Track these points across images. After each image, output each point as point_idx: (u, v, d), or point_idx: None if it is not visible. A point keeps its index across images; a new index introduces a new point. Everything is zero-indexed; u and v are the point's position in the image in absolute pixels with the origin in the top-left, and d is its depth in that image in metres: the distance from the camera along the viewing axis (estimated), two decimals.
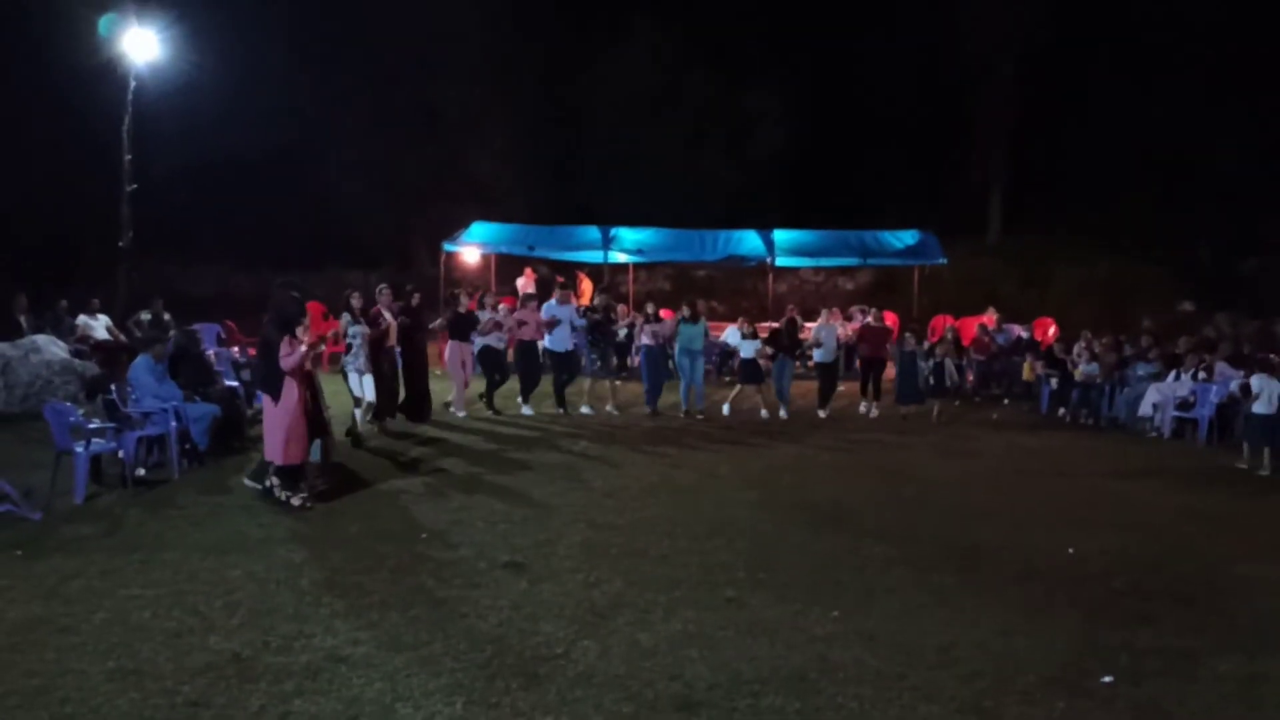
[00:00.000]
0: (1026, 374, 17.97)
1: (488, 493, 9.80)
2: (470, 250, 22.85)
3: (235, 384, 12.88)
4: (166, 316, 17.73)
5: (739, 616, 6.49)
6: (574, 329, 15.34)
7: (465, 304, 14.68)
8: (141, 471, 10.07)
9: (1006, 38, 28.35)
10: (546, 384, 15.38)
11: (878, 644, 6.07)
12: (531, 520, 8.78)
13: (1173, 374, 15.08)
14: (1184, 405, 14.58)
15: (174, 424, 10.27)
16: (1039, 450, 13.35)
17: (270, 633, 6.02)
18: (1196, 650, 6.12)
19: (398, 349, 13.35)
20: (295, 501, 8.95)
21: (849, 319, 19.79)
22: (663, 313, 17.77)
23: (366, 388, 12.41)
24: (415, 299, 13.99)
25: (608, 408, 15.14)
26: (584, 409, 15.04)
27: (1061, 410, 16.25)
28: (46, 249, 22.23)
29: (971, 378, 18.46)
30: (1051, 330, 20.95)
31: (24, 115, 22.60)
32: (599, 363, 15.37)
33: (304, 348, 8.87)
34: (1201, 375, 14.66)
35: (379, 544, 7.93)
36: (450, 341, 14.59)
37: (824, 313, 16.75)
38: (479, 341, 14.61)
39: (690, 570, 7.43)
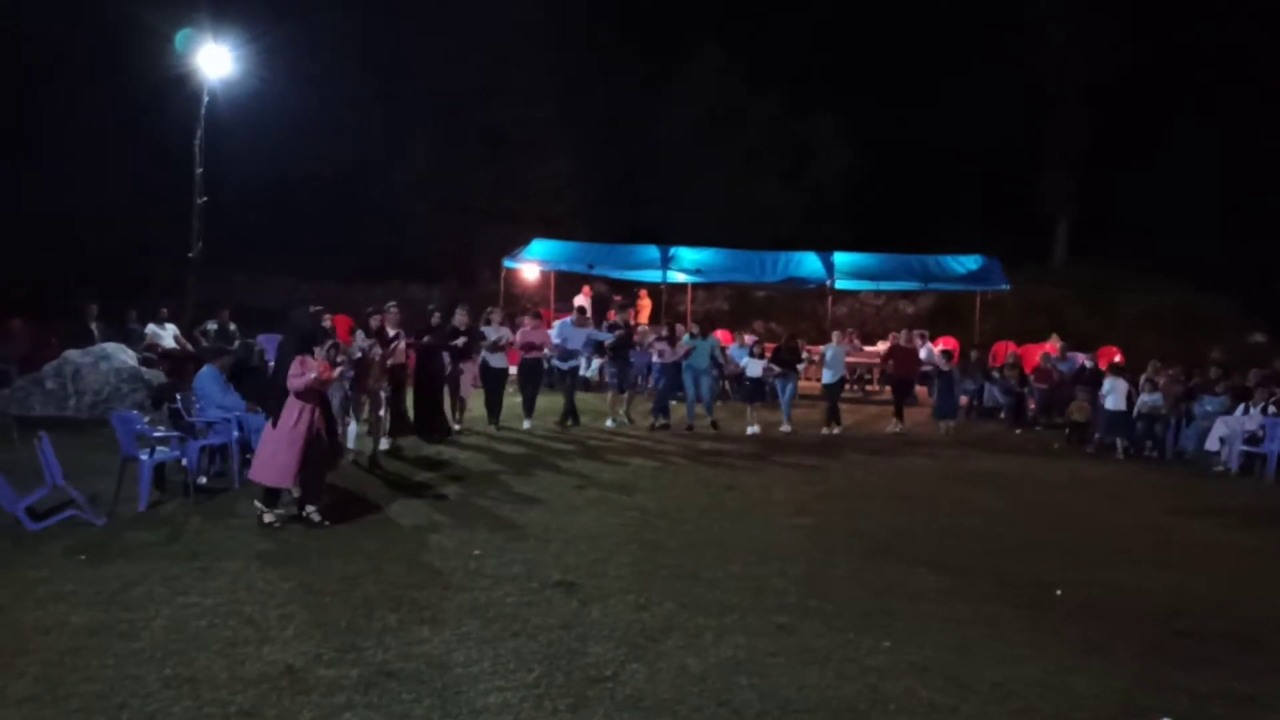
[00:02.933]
0: (1076, 414, 16.65)
1: (541, 510, 9.85)
2: (530, 267, 23.05)
3: None
4: (232, 327, 18.10)
5: (789, 644, 6.44)
6: (585, 348, 16.16)
7: (464, 323, 14.75)
8: (203, 480, 10.26)
9: (1075, 67, 27.95)
10: (553, 401, 15.83)
11: (930, 676, 5.99)
12: (583, 539, 8.80)
13: (1241, 407, 14.73)
14: (1253, 440, 14.23)
15: (236, 434, 10.44)
16: (1101, 482, 13.09)
17: (323, 645, 6.09)
18: (1261, 695, 5.96)
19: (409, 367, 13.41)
20: (268, 519, 8.80)
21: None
22: (718, 333, 18.26)
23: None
24: (435, 319, 14.33)
25: (608, 422, 15.62)
26: (608, 422, 15.63)
27: (1125, 442, 15.89)
28: (118, 258, 22.76)
29: (1033, 405, 18.15)
30: (1117, 359, 20.51)
31: (100, 127, 23.25)
32: (618, 378, 16.10)
33: (312, 375, 8.77)
34: (1271, 409, 14.30)
35: (433, 559, 8.00)
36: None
37: (835, 334, 17.14)
38: (483, 359, 14.84)
39: (741, 595, 7.39)
